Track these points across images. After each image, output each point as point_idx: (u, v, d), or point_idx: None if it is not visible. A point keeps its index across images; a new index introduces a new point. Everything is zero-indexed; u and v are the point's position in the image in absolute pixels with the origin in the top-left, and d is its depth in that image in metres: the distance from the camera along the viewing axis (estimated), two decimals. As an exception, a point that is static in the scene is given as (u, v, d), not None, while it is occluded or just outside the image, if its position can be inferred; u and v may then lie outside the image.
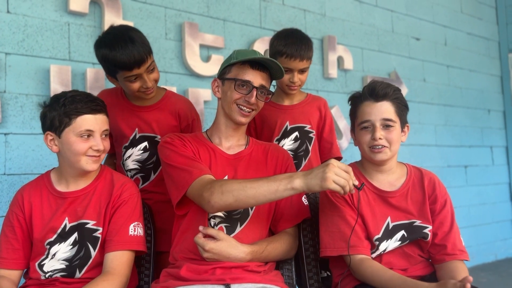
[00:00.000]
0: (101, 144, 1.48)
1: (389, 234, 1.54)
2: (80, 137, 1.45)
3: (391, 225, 1.55)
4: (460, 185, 4.31)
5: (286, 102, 2.07)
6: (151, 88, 1.76)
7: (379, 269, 1.45)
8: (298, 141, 2.03)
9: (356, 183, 1.32)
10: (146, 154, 1.86)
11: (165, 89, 1.96)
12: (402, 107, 1.59)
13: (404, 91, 3.90)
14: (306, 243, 1.69)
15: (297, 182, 1.31)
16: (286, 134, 2.03)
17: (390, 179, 1.61)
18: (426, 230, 1.55)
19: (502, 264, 4.33)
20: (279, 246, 1.52)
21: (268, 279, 1.44)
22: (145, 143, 1.85)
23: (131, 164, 1.86)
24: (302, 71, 1.98)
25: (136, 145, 1.85)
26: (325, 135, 2.10)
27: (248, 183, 1.35)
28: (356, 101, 1.60)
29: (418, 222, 1.56)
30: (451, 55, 4.42)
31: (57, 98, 1.48)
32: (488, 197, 4.50)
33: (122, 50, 1.63)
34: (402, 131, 1.60)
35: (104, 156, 1.55)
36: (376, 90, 1.54)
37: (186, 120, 1.91)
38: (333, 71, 3.49)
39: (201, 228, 1.42)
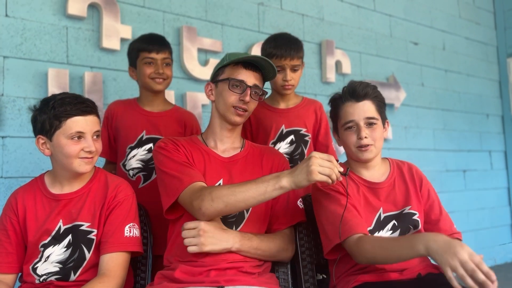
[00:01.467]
0: (92, 145, 1.47)
1: (380, 225, 1.57)
2: (71, 139, 1.44)
3: (382, 216, 1.58)
4: (459, 189, 4.30)
5: (282, 106, 2.08)
6: (162, 74, 1.98)
7: (377, 239, 1.46)
8: (294, 145, 2.04)
9: (341, 169, 1.34)
10: (150, 155, 1.97)
11: (173, 104, 2.18)
12: (381, 104, 1.63)
13: (402, 95, 3.91)
14: (302, 246, 1.68)
15: (284, 180, 1.32)
16: (281, 138, 2.04)
17: (376, 174, 1.65)
18: (415, 217, 1.59)
19: (501, 269, 4.31)
20: (271, 238, 1.53)
21: (263, 281, 1.43)
22: (151, 145, 1.98)
23: (134, 163, 1.98)
24: (294, 69, 2.00)
25: (141, 146, 1.99)
26: (320, 138, 2.11)
27: (237, 188, 1.36)
28: (337, 103, 1.64)
29: (407, 209, 1.59)
30: (449, 59, 4.43)
31: (46, 101, 1.47)
32: (486, 202, 4.50)
33: (150, 35, 2.07)
34: (384, 127, 1.64)
35: (97, 158, 1.54)
36: (357, 91, 1.58)
37: (191, 130, 2.05)
38: (331, 75, 3.50)
39: (183, 226, 1.42)
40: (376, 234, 1.55)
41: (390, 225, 1.57)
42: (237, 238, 1.44)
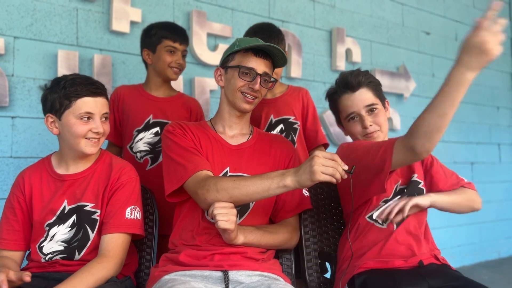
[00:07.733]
0: (100, 126, 1.49)
1: (394, 195, 1.62)
2: (80, 120, 1.47)
3: (398, 187, 1.64)
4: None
5: (269, 95, 2.12)
6: (182, 65, 2.07)
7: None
8: (284, 134, 2.07)
9: (346, 167, 1.29)
10: (157, 138, 2.02)
11: (177, 90, 2.20)
12: (378, 87, 1.64)
13: (412, 85, 3.88)
14: (306, 234, 1.70)
15: (288, 180, 1.31)
16: (271, 127, 2.08)
17: None
18: (420, 186, 1.63)
19: (505, 262, 4.31)
20: (274, 230, 1.53)
21: (266, 267, 1.44)
22: (157, 128, 2.03)
23: (142, 146, 2.03)
24: None
25: (149, 129, 2.03)
26: (308, 124, 2.15)
27: (242, 181, 1.35)
28: (334, 97, 1.66)
29: (415, 177, 1.64)
30: (462, 50, 4.36)
31: (57, 81, 1.50)
32: (493, 195, 4.47)
33: (174, 25, 2.11)
34: (385, 108, 1.65)
35: (103, 140, 1.56)
36: (350, 81, 1.59)
37: (196, 115, 2.10)
38: (341, 64, 3.47)
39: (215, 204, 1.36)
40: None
41: (399, 192, 1.62)
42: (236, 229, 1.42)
